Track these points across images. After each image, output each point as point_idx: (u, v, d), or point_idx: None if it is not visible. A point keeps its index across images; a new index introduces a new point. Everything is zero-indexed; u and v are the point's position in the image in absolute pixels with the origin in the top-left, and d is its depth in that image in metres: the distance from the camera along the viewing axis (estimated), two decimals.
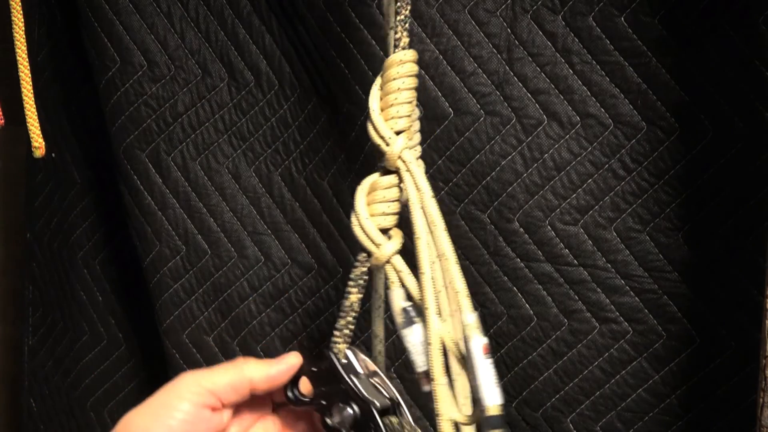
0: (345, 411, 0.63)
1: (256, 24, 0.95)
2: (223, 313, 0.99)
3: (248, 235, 0.98)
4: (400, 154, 0.64)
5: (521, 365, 0.87)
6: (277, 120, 0.96)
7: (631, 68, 0.81)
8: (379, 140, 0.64)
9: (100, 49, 0.98)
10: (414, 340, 0.64)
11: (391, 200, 0.65)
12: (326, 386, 0.64)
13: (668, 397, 0.84)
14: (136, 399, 1.08)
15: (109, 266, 1.08)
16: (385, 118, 0.64)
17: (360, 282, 0.65)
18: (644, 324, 0.84)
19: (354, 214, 0.65)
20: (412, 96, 0.64)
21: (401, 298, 0.64)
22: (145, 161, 0.99)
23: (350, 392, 0.64)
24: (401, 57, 0.64)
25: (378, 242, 0.64)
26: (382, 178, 0.65)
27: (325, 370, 0.65)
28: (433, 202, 0.63)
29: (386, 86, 0.64)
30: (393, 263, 0.64)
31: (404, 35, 0.64)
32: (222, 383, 0.63)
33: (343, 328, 0.65)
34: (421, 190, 0.64)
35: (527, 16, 0.84)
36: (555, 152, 0.84)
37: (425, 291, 0.63)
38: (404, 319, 0.64)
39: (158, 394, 0.63)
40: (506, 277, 0.87)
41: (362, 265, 0.65)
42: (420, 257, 0.63)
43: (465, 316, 0.62)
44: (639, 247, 0.83)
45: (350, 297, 0.65)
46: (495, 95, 0.85)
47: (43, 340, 1.14)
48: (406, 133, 0.64)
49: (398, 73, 0.64)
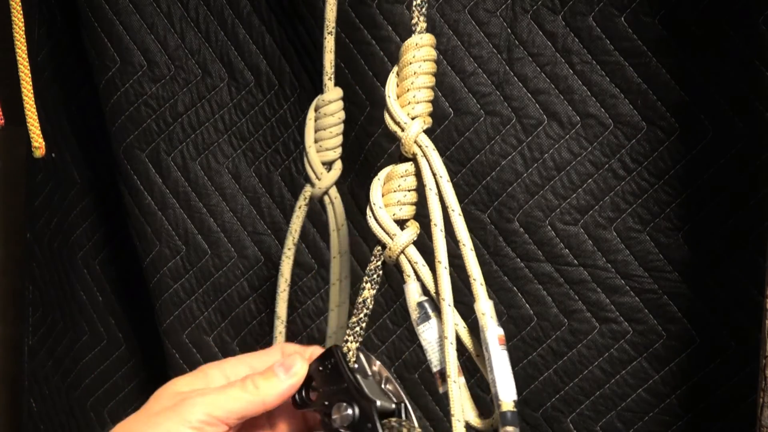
0: (345, 411, 0.61)
1: (256, 24, 0.95)
2: (223, 313, 0.99)
3: (248, 235, 0.98)
4: (416, 138, 0.61)
5: (521, 365, 0.87)
6: (277, 120, 0.96)
7: (631, 68, 0.81)
8: (394, 126, 0.61)
9: (100, 49, 0.98)
10: (429, 337, 0.60)
11: (407, 189, 0.62)
12: (331, 386, 0.63)
13: (668, 397, 0.84)
14: (136, 399, 1.09)
15: (109, 266, 1.08)
16: (401, 104, 0.61)
17: (374, 277, 0.62)
18: (644, 324, 0.84)
19: (369, 205, 0.62)
20: (429, 81, 0.62)
21: (417, 292, 0.62)
22: (145, 161, 0.99)
23: (352, 391, 0.61)
24: (417, 41, 0.61)
25: (392, 233, 0.61)
26: (398, 166, 0.62)
27: (332, 369, 0.63)
28: (450, 186, 0.60)
29: (402, 71, 0.62)
30: (408, 254, 0.61)
31: (421, 20, 0.62)
32: (235, 411, 0.61)
33: (355, 325, 0.62)
34: (438, 175, 0.60)
35: (527, 16, 0.84)
36: (555, 152, 0.84)
37: (441, 281, 0.59)
38: (419, 315, 0.61)
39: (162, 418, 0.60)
40: (506, 277, 0.87)
41: (377, 259, 0.62)
42: (436, 245, 0.59)
43: (481, 304, 0.59)
44: (639, 247, 0.83)
45: (363, 293, 0.62)
46: (495, 95, 0.85)
47: (43, 340, 1.14)
48: (422, 118, 0.61)
49: (414, 57, 0.61)
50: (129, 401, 1.09)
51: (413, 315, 0.61)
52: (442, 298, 0.59)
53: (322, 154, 0.70)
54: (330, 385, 0.63)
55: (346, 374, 0.62)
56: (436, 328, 0.60)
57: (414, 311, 0.61)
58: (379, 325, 0.93)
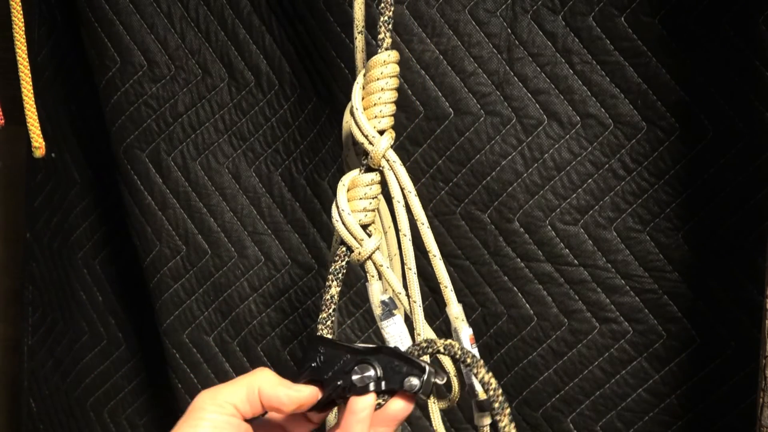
0: (367, 371, 0.62)
1: (256, 24, 0.95)
2: (223, 313, 0.99)
3: (248, 235, 0.98)
4: (384, 153, 0.66)
5: (521, 365, 0.88)
6: (277, 120, 0.96)
7: (631, 68, 0.81)
8: (362, 138, 0.67)
9: (100, 49, 0.98)
10: (393, 331, 0.67)
11: (372, 197, 0.67)
12: (333, 367, 0.64)
13: (668, 397, 0.84)
14: (136, 399, 1.09)
15: (109, 266, 1.08)
16: (368, 117, 0.67)
17: (339, 276, 0.68)
18: (644, 324, 0.84)
19: (336, 210, 0.67)
20: (394, 96, 0.67)
21: (379, 291, 0.68)
22: (145, 161, 0.99)
23: (359, 355, 0.63)
24: (385, 58, 0.66)
25: (360, 238, 0.67)
26: (363, 176, 0.68)
27: (325, 354, 0.64)
28: (417, 200, 0.66)
29: (369, 86, 0.66)
30: (373, 258, 0.67)
31: (387, 36, 0.67)
32: (239, 395, 0.62)
33: (326, 320, 0.68)
34: (406, 188, 0.67)
35: (527, 16, 0.84)
36: (555, 152, 0.84)
37: (412, 285, 0.66)
38: (383, 311, 0.67)
39: (182, 419, 0.62)
40: (506, 277, 0.87)
41: (341, 260, 0.68)
42: (406, 254, 0.66)
43: (452, 308, 0.67)
44: (639, 247, 0.83)
45: (330, 290, 0.68)
46: (495, 95, 0.85)
47: (43, 340, 1.14)
48: (389, 132, 0.67)
49: (382, 73, 0.66)
50: (129, 401, 1.09)
51: (377, 311, 0.68)
52: (413, 300, 0.67)
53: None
54: (331, 367, 0.64)
55: (347, 346, 0.64)
56: (399, 324, 0.67)
57: (378, 308, 0.68)
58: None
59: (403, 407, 0.63)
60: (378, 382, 0.62)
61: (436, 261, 0.67)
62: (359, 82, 0.67)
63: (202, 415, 0.62)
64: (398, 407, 0.63)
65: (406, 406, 0.63)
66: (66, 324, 1.11)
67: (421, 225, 0.67)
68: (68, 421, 1.12)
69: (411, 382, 0.62)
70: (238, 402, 0.62)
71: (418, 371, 0.62)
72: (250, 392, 0.62)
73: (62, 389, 1.12)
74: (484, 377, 0.61)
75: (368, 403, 0.62)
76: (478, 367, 0.62)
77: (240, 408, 0.62)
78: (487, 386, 0.61)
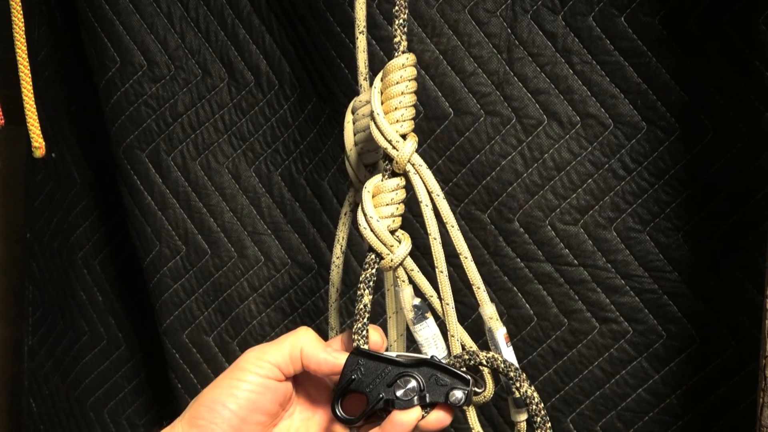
0: (409, 383, 0.62)
1: (256, 24, 0.95)
2: (223, 313, 0.99)
3: (248, 235, 0.98)
4: (410, 158, 0.65)
5: (521, 365, 0.88)
6: (277, 120, 0.96)
7: (631, 68, 0.81)
8: (385, 143, 0.65)
9: (100, 49, 0.98)
10: (426, 334, 0.66)
11: (398, 202, 0.65)
12: (374, 380, 0.63)
13: (668, 397, 0.84)
14: (136, 399, 1.09)
15: (109, 266, 1.08)
16: (389, 122, 0.65)
17: (371, 284, 0.66)
18: (644, 324, 0.84)
19: (363, 217, 0.65)
20: (413, 99, 0.65)
21: (411, 296, 0.66)
22: (145, 161, 0.99)
23: (400, 367, 0.63)
24: (403, 61, 0.64)
25: (390, 244, 0.65)
26: (388, 181, 0.65)
27: (365, 367, 0.64)
28: (445, 203, 0.65)
29: (389, 90, 0.65)
30: (404, 264, 0.66)
31: (404, 39, 0.65)
32: (282, 355, 0.64)
33: (362, 330, 0.65)
34: (434, 192, 0.65)
35: (527, 16, 0.84)
36: (555, 152, 0.84)
37: (443, 287, 0.65)
38: (416, 316, 0.66)
39: (225, 372, 0.65)
40: (506, 277, 0.87)
41: (371, 267, 0.66)
42: (436, 256, 0.65)
43: (486, 308, 0.66)
44: (639, 247, 0.83)
45: (363, 299, 0.66)
46: (495, 95, 0.85)
47: (43, 340, 1.14)
48: (411, 136, 0.65)
49: (401, 77, 0.64)
50: (129, 401, 1.09)
51: (408, 316, 0.66)
52: (446, 302, 0.65)
53: (364, 156, 0.71)
54: (372, 380, 0.64)
55: (387, 358, 0.63)
56: (431, 327, 0.66)
57: (410, 312, 0.66)
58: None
59: (442, 419, 0.63)
60: (421, 395, 0.62)
61: (468, 263, 0.66)
62: (377, 86, 0.66)
63: (243, 377, 0.63)
64: (438, 419, 0.63)
65: (446, 418, 0.63)
66: (66, 324, 1.11)
67: (451, 228, 0.66)
68: (68, 421, 1.12)
69: (456, 395, 0.62)
70: (281, 362, 0.64)
71: (463, 384, 0.62)
72: (293, 351, 0.64)
73: (62, 389, 1.12)
74: (527, 391, 0.62)
75: (413, 418, 0.62)
76: (521, 381, 0.62)
77: (283, 368, 0.64)
78: (530, 400, 0.62)
